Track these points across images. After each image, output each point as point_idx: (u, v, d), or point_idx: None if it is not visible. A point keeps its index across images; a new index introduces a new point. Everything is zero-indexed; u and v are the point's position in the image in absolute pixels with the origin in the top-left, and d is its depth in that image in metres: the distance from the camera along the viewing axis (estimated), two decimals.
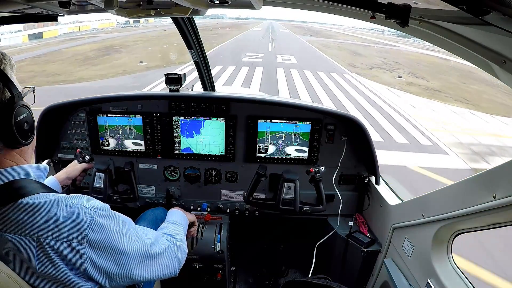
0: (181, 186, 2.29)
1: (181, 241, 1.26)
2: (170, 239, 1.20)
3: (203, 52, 2.27)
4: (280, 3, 1.26)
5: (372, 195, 2.12)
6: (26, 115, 0.89)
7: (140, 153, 2.19)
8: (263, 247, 2.65)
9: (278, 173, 2.11)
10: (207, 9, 1.17)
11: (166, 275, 1.11)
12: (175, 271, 1.16)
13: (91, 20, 43.54)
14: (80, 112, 2.14)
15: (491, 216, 1.08)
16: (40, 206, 0.83)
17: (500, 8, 0.61)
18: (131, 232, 0.99)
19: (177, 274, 1.17)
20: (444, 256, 1.38)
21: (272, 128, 2.11)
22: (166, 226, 1.34)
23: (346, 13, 1.15)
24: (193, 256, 2.02)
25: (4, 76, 0.84)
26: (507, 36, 0.71)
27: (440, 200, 1.33)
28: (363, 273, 2.03)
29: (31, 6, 1.11)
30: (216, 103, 2.08)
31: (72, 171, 1.78)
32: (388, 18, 0.79)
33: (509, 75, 0.81)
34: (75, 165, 1.82)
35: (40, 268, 0.82)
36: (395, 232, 1.75)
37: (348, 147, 2.11)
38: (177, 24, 1.93)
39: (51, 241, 0.82)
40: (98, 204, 0.92)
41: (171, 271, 1.13)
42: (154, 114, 2.10)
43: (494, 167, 1.03)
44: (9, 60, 0.87)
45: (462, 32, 0.85)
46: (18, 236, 0.81)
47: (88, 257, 0.86)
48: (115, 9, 0.97)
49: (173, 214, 1.51)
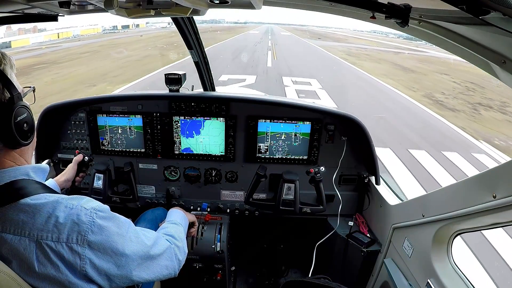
0: (181, 186, 2.29)
1: (181, 241, 1.25)
2: (170, 239, 1.20)
3: (203, 52, 2.27)
4: (280, 3, 1.26)
5: (372, 195, 2.12)
6: (25, 116, 0.89)
7: (140, 153, 2.19)
8: (263, 247, 2.65)
9: (278, 173, 2.11)
10: (207, 9, 1.17)
11: (165, 276, 1.11)
12: (175, 272, 1.16)
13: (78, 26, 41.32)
14: (80, 112, 2.14)
15: (491, 216, 1.08)
16: (40, 207, 0.83)
17: (500, 8, 0.61)
18: (131, 234, 0.99)
19: (176, 274, 1.17)
20: (444, 256, 1.38)
21: (272, 128, 2.10)
22: (167, 226, 1.34)
23: (346, 13, 1.15)
24: (193, 256, 2.02)
25: (4, 77, 0.84)
26: (507, 36, 0.71)
27: (440, 200, 1.33)
28: (363, 273, 2.02)
29: (31, 6, 1.11)
30: (216, 103, 2.08)
31: (69, 172, 1.77)
32: (388, 18, 0.79)
33: (509, 75, 0.81)
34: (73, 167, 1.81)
35: (40, 269, 0.82)
36: (395, 232, 1.75)
37: (348, 147, 2.11)
38: (177, 24, 1.93)
39: (50, 242, 0.82)
40: (98, 205, 0.92)
41: (171, 271, 1.13)
42: (154, 114, 2.10)
43: (494, 167, 1.03)
44: (9, 60, 0.87)
45: (462, 32, 0.85)
46: (18, 236, 0.81)
47: (87, 259, 0.86)
48: (115, 9, 0.97)
49: (173, 214, 1.51)
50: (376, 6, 0.79)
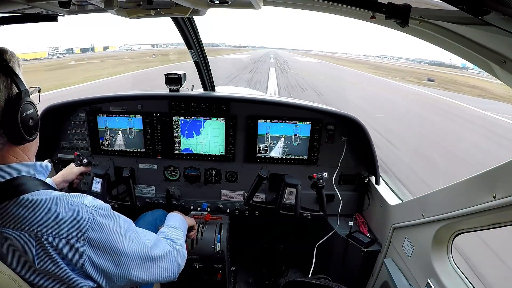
0: (181, 186, 2.29)
1: (180, 245, 1.25)
2: (170, 243, 1.19)
3: (203, 52, 2.27)
4: (280, 3, 1.26)
5: (372, 195, 2.12)
6: (31, 112, 0.91)
7: (140, 153, 2.19)
8: (263, 247, 2.65)
9: (278, 173, 2.11)
10: (207, 9, 1.17)
11: (164, 279, 1.10)
12: (174, 275, 1.15)
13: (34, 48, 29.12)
14: (80, 112, 2.14)
15: (491, 216, 1.08)
16: (40, 202, 0.83)
17: (500, 8, 0.61)
18: (131, 233, 0.99)
19: (176, 278, 1.16)
20: (444, 256, 1.38)
21: (272, 128, 2.10)
22: (166, 230, 1.33)
23: (346, 13, 1.15)
24: (193, 256, 2.01)
25: (13, 73, 0.86)
26: (507, 36, 0.71)
27: (440, 200, 1.33)
28: (363, 273, 2.02)
29: (31, 6, 1.11)
30: (216, 103, 2.08)
31: (68, 174, 1.77)
32: (388, 18, 0.79)
33: (509, 75, 0.81)
34: (71, 168, 1.81)
35: (40, 265, 0.82)
36: (395, 232, 1.75)
37: (348, 147, 2.11)
38: (177, 24, 1.93)
39: (50, 238, 0.82)
40: (99, 203, 0.92)
41: (170, 274, 1.12)
42: (154, 114, 2.10)
43: (494, 167, 1.03)
44: (17, 59, 0.89)
45: (462, 32, 0.85)
46: (18, 231, 0.81)
47: (86, 256, 0.85)
48: (115, 9, 0.97)
49: (172, 218, 1.50)
50: (376, 6, 0.79)
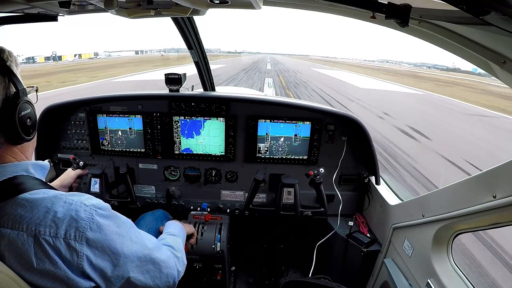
0: (181, 186, 2.29)
1: (180, 252, 1.24)
2: (170, 249, 1.19)
3: (203, 52, 2.27)
4: (280, 3, 1.26)
5: (372, 195, 2.12)
6: (29, 111, 0.90)
7: (140, 153, 2.19)
8: (263, 247, 2.65)
9: (278, 174, 2.11)
10: (207, 9, 1.17)
11: (164, 284, 1.08)
12: (174, 282, 1.13)
13: None
14: (80, 112, 2.14)
15: (491, 216, 1.08)
16: (38, 201, 0.83)
17: (500, 8, 0.61)
18: (132, 234, 0.98)
19: (175, 285, 1.14)
20: (444, 256, 1.38)
21: (272, 128, 2.10)
22: (165, 237, 1.33)
23: (346, 13, 1.15)
24: (193, 256, 2.01)
25: (11, 72, 0.85)
26: (507, 36, 0.71)
27: (440, 200, 1.33)
28: (363, 273, 2.02)
29: (31, 6, 1.11)
30: (216, 103, 2.08)
31: (66, 179, 1.75)
32: (388, 18, 0.79)
33: (509, 75, 0.81)
34: (69, 173, 1.80)
35: (38, 264, 0.81)
36: (395, 232, 1.75)
37: (348, 147, 2.11)
38: (177, 24, 1.93)
39: (48, 237, 0.81)
40: (98, 203, 0.91)
41: (170, 280, 1.10)
42: (154, 114, 2.10)
43: (494, 167, 1.03)
44: (14, 58, 0.89)
45: (462, 32, 0.85)
46: (16, 231, 0.80)
47: (85, 255, 0.84)
48: (115, 9, 0.97)
49: (171, 226, 1.50)
50: (376, 6, 0.79)
